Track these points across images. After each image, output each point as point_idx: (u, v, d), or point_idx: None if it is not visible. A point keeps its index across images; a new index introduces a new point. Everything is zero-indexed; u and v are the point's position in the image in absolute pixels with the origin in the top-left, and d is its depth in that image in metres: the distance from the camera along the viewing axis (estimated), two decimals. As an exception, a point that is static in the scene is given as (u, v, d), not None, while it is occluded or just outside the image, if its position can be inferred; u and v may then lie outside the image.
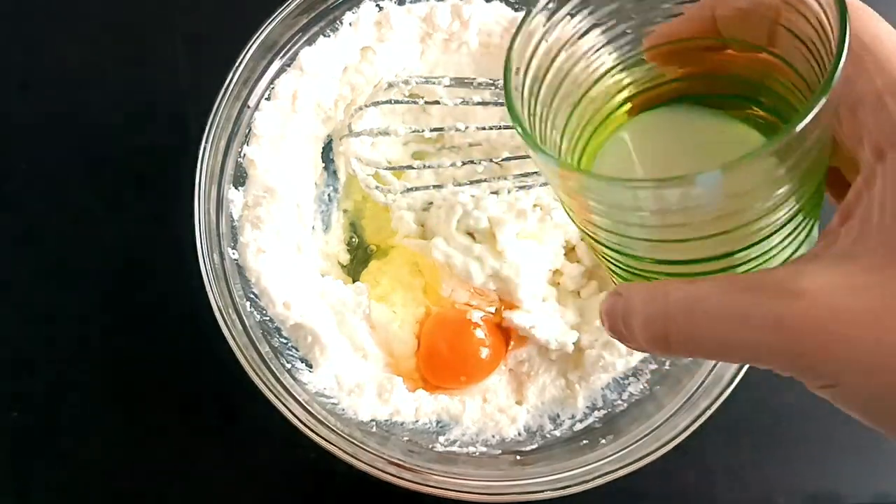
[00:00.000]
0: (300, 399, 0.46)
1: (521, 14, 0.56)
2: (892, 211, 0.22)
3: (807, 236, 0.28)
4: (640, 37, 0.31)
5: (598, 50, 0.31)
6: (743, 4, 0.27)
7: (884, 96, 0.23)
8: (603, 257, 0.31)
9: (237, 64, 0.51)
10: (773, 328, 0.22)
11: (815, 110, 0.21)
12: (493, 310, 0.53)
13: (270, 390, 0.45)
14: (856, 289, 0.22)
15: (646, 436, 0.46)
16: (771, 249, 0.27)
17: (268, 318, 0.50)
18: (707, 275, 0.27)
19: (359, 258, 0.57)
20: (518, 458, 0.50)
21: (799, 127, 0.21)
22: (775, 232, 0.26)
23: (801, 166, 0.24)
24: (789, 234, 0.27)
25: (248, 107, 0.52)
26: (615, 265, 0.31)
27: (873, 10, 0.25)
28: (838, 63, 0.22)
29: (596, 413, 0.52)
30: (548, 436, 0.51)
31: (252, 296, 0.49)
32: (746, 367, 0.45)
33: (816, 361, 0.22)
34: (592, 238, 0.30)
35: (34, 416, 0.54)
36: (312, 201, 0.56)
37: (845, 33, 0.22)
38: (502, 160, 0.54)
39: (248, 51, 0.51)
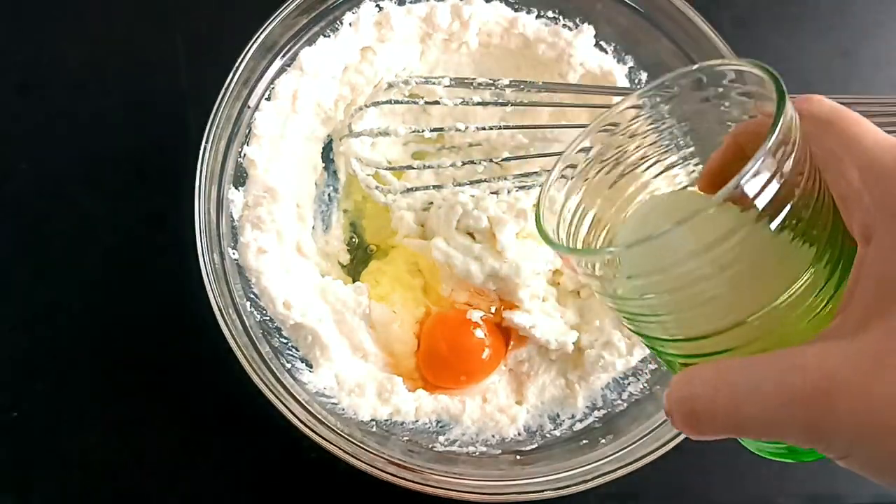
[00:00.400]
0: (300, 399, 0.46)
1: (521, 14, 0.56)
2: (877, 290, 0.25)
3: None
4: (693, 163, 0.34)
5: (653, 174, 0.34)
6: (755, 128, 0.29)
7: (861, 190, 0.26)
8: (649, 349, 0.32)
9: (237, 64, 0.51)
10: (784, 402, 0.23)
11: (755, 167, 0.24)
12: (493, 310, 0.53)
13: (270, 390, 0.45)
14: (854, 363, 0.23)
15: (645, 436, 0.46)
16: (791, 322, 0.27)
17: (268, 318, 0.50)
18: (735, 353, 0.28)
19: (359, 258, 0.57)
20: (518, 457, 0.50)
21: (742, 180, 0.24)
22: (787, 300, 0.26)
23: (772, 225, 0.25)
24: (809, 309, 0.27)
25: (249, 107, 0.52)
26: (655, 352, 0.31)
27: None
28: (775, 127, 0.25)
29: (596, 413, 0.52)
30: (548, 436, 0.51)
31: (252, 296, 0.49)
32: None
33: (826, 434, 0.23)
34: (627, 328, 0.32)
35: (34, 416, 0.54)
36: (312, 201, 0.56)
37: (783, 99, 0.25)
38: (502, 160, 0.54)
39: (248, 51, 0.51)
